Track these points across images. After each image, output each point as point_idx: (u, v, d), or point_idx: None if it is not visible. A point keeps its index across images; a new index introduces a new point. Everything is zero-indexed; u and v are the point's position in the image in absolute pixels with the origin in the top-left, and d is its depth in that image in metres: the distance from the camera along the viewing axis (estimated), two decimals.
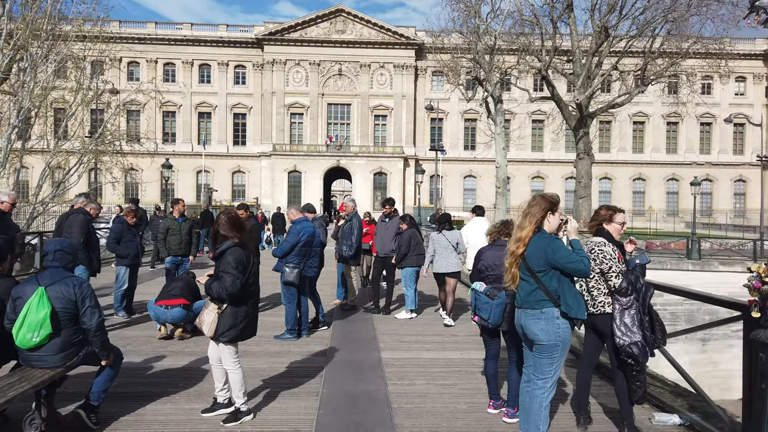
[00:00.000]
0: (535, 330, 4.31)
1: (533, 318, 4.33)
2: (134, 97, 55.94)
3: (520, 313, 4.47)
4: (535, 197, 4.57)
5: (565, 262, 4.22)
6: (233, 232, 5.15)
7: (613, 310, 4.74)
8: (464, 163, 65.78)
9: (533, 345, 4.39)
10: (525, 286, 4.40)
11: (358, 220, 10.77)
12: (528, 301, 4.36)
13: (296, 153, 63.61)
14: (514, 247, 4.43)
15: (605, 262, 4.78)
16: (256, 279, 5.29)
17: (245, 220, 10.59)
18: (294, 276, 8.47)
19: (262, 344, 8.22)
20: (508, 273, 4.45)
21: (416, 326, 9.78)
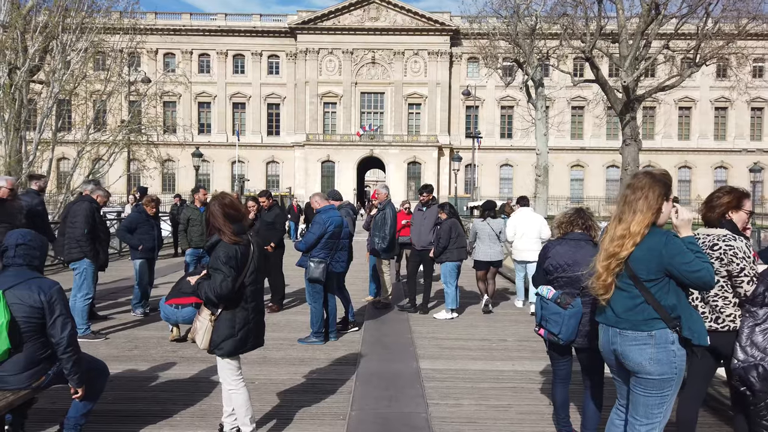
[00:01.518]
0: (641, 359, 3.15)
1: (637, 343, 3.17)
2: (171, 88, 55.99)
3: (611, 333, 3.31)
4: (641, 176, 3.34)
5: (687, 270, 3.04)
6: (224, 224, 4.10)
7: (741, 325, 3.55)
8: (500, 152, 64.04)
9: (634, 377, 3.24)
10: (624, 299, 3.23)
11: (392, 209, 9.68)
12: (629, 319, 3.20)
13: (329, 143, 62.77)
14: (615, 246, 3.22)
15: (736, 261, 3.57)
16: (258, 277, 4.24)
17: (267, 209, 9.67)
18: (320, 272, 7.43)
19: (284, 348, 7.22)
20: (600, 280, 3.27)
21: (458, 328, 8.66)
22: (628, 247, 3.20)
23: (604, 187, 64.05)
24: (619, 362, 3.32)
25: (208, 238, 4.18)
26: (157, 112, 39.84)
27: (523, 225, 9.88)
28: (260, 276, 4.32)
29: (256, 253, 4.25)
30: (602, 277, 3.26)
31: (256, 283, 4.25)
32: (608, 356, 3.41)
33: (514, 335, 8.27)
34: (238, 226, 4.18)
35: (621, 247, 3.22)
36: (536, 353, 7.25)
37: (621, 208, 3.37)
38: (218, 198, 4.22)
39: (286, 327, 8.42)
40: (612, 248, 3.26)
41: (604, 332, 3.39)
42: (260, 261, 4.30)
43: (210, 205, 4.20)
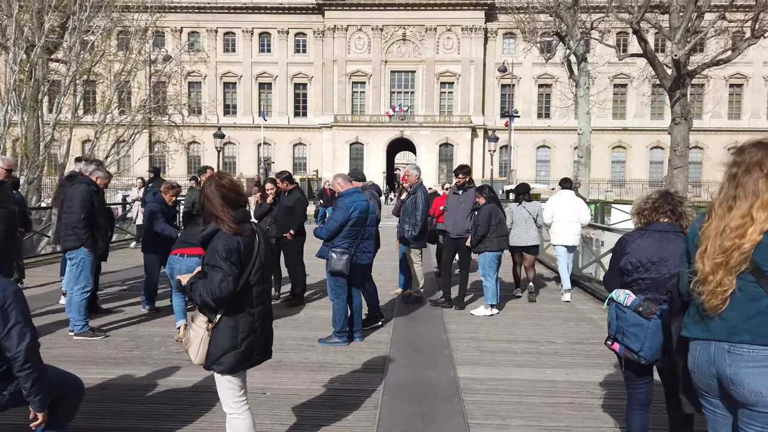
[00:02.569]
0: (761, 386, 2.36)
1: (757, 364, 2.36)
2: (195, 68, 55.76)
3: (716, 350, 2.48)
4: (751, 150, 2.53)
5: None
6: (223, 210, 3.37)
7: None
8: (537, 133, 62.44)
9: (747, 411, 2.42)
10: (743, 303, 2.43)
11: (424, 192, 8.88)
12: (750, 330, 2.39)
13: (358, 124, 61.95)
14: (733, 237, 2.44)
15: None
16: (265, 275, 3.51)
17: (287, 192, 8.95)
18: (343, 264, 6.69)
19: (302, 350, 6.52)
20: (713, 285, 2.47)
21: (499, 326, 7.86)
22: (753, 236, 2.41)
23: (647, 170, 62.11)
24: (723, 388, 2.52)
25: (203, 228, 3.45)
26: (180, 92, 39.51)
27: (561, 208, 9.66)
28: (267, 273, 3.60)
29: (263, 245, 3.52)
30: (717, 280, 2.45)
31: (263, 282, 3.52)
32: (707, 380, 2.59)
33: (563, 336, 7.44)
34: (240, 213, 3.44)
35: (743, 237, 2.43)
36: (591, 359, 6.43)
37: (730, 190, 2.56)
38: (215, 178, 3.48)
39: (305, 324, 7.72)
40: (729, 240, 2.46)
41: (704, 349, 2.57)
42: (267, 255, 3.56)
43: (205, 188, 3.46)
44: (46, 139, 20.95)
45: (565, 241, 9.68)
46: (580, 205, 9.83)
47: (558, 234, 9.72)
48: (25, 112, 19.74)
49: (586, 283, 10.87)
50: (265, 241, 3.57)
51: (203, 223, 3.47)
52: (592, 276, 11.89)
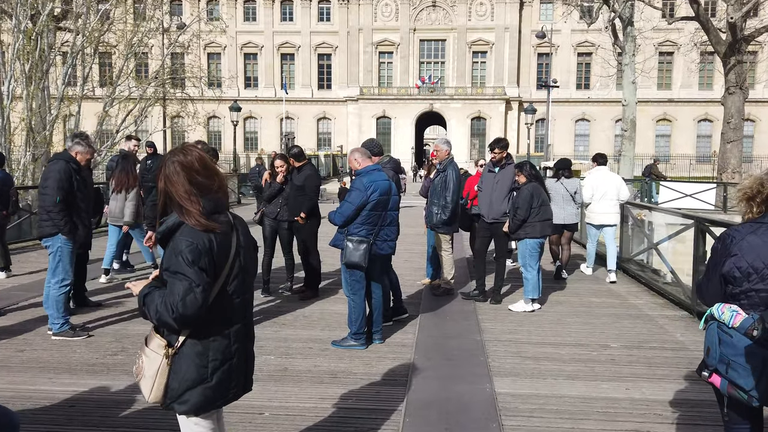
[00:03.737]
0: None
1: None
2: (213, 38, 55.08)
3: None
4: None
5: None
6: (189, 197, 2.59)
7: None
8: (576, 105, 60.60)
9: None
10: None
11: (455, 170, 8.04)
12: None
13: (385, 96, 60.81)
14: None
15: None
16: (246, 282, 2.75)
17: (298, 169, 8.17)
18: (360, 255, 5.91)
19: (312, 356, 5.78)
20: None
21: (542, 325, 7.03)
22: None
23: (693, 144, 59.97)
24: None
25: (161, 220, 2.67)
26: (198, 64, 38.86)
27: (601, 186, 9.53)
28: (250, 280, 2.83)
29: (244, 244, 2.74)
30: None
31: (244, 291, 2.75)
32: None
33: (618, 337, 6.59)
34: (212, 201, 2.65)
35: None
36: (655, 368, 5.60)
37: None
38: (178, 154, 2.68)
39: (318, 322, 6.99)
40: None
41: None
42: (249, 257, 2.79)
43: (165, 167, 2.68)
44: (53, 113, 20.50)
45: (604, 220, 9.61)
46: (620, 182, 9.78)
47: (597, 213, 9.62)
48: (30, 84, 19.27)
49: (638, 272, 9.95)
50: (247, 238, 2.79)
51: (159, 214, 2.70)
52: (645, 263, 10.96)
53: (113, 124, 24.05)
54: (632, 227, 11.07)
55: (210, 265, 2.54)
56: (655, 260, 11.21)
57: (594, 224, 9.76)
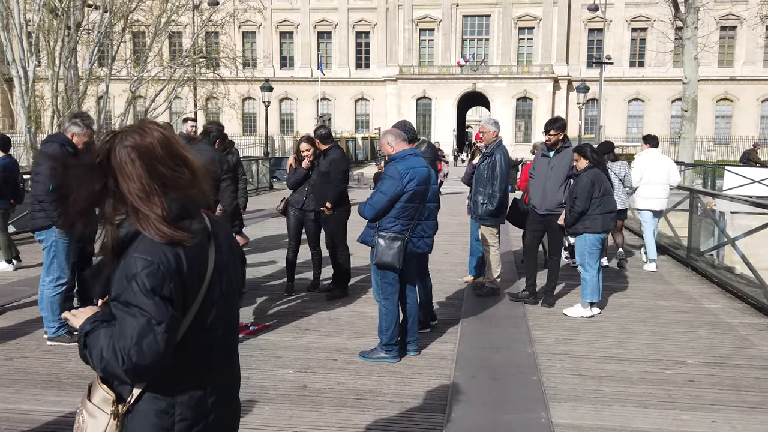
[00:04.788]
0: None
1: None
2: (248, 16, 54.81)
3: None
4: None
5: None
6: (148, 196, 1.92)
7: None
8: (629, 84, 58.61)
9: None
10: None
11: (503, 154, 7.28)
12: None
13: (426, 76, 59.75)
14: None
15: None
16: (228, 313, 2.08)
17: (324, 153, 7.50)
18: (394, 254, 5.23)
19: (335, 370, 5.13)
20: None
21: (603, 334, 6.26)
22: None
23: (757, 126, 57.44)
24: None
25: (106, 227, 2.01)
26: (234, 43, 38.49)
27: (650, 169, 9.32)
28: (234, 305, 2.17)
29: (226, 257, 2.07)
30: None
31: (227, 322, 2.08)
32: None
33: (695, 351, 5.78)
34: (181, 202, 1.97)
35: None
36: (744, 393, 4.81)
37: None
38: (131, 135, 1.99)
39: (346, 327, 6.34)
40: None
41: None
42: (233, 274, 2.12)
43: (115, 150, 2.00)
44: (78, 93, 20.30)
45: (653, 205, 9.44)
46: (671, 165, 9.60)
47: (646, 197, 9.44)
48: (56, 63, 19.06)
49: (710, 271, 9.03)
50: (230, 249, 2.12)
51: (104, 219, 2.04)
52: (716, 262, 10.03)
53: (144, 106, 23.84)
54: (701, 218, 10.16)
55: (177, 292, 1.86)
56: (731, 256, 10.30)
57: (639, 208, 9.62)
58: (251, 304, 7.01)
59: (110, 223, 1.96)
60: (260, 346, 5.67)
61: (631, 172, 9.45)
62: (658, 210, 9.55)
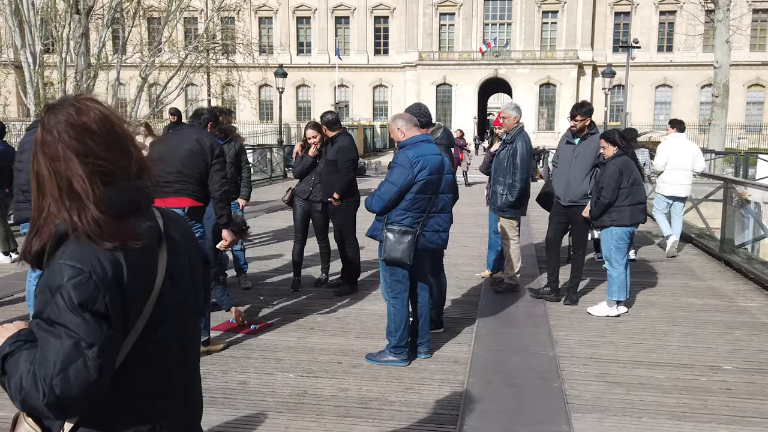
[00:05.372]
0: None
1: None
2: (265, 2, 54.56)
3: None
4: None
5: None
6: (81, 187, 1.60)
7: None
8: (657, 69, 57.47)
9: None
10: None
11: (525, 141, 6.90)
12: None
13: (446, 62, 59.13)
14: None
15: None
16: (185, 333, 1.77)
17: (331, 141, 7.16)
18: (403, 249, 4.89)
19: (339, 374, 4.83)
20: None
21: (631, 336, 5.88)
22: None
23: None
24: None
25: (34, 230, 1.69)
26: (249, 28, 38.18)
27: (675, 154, 9.27)
28: (193, 315, 1.85)
29: (182, 261, 1.75)
30: None
31: (184, 340, 1.77)
32: None
33: (732, 355, 5.39)
34: (126, 194, 1.65)
35: None
36: None
37: None
38: (64, 110, 1.66)
39: (353, 326, 6.03)
40: None
41: None
42: (191, 280, 1.80)
43: (42, 131, 1.67)
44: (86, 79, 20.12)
45: (678, 191, 9.40)
46: (696, 152, 9.56)
47: (670, 184, 9.37)
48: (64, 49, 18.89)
49: (746, 265, 8.58)
50: (188, 250, 1.81)
51: (34, 218, 1.72)
52: (752, 254, 9.58)
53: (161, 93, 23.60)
54: (736, 209, 9.69)
55: (115, 307, 1.54)
56: (761, 249, 9.85)
57: (664, 194, 9.48)
58: (255, 301, 6.75)
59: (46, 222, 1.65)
60: (261, 346, 5.39)
61: (656, 157, 9.45)
62: (683, 196, 9.53)
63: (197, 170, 4.71)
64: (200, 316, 1.91)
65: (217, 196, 4.81)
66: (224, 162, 4.88)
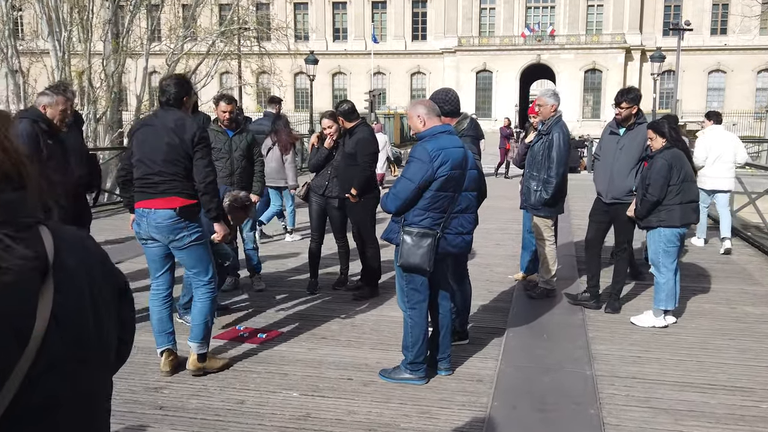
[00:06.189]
0: None
1: None
2: None
3: None
4: None
5: None
6: None
7: None
8: (709, 54, 55.63)
9: None
10: None
11: (563, 132, 6.38)
12: None
13: (486, 48, 58.19)
14: None
15: None
16: (80, 382, 1.36)
17: (349, 132, 6.70)
18: (423, 255, 4.43)
19: (347, 395, 4.41)
20: None
21: (679, 351, 5.33)
22: None
23: None
24: None
25: None
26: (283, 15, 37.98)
27: (715, 147, 9.19)
28: (97, 367, 1.44)
29: (74, 301, 1.34)
30: None
31: (77, 399, 1.36)
32: None
33: None
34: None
35: None
36: None
37: None
38: None
39: (370, 335, 5.61)
40: None
41: None
42: (95, 322, 1.40)
43: None
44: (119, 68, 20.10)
45: (717, 185, 9.26)
46: (737, 143, 9.55)
47: (711, 177, 9.21)
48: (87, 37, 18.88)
49: None
50: (93, 281, 1.41)
51: None
52: None
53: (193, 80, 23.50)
54: None
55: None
56: None
57: (705, 189, 9.15)
58: (267, 305, 6.39)
59: None
60: (266, 358, 5.01)
61: (696, 151, 9.20)
62: (726, 190, 9.40)
63: (181, 165, 4.28)
64: (109, 365, 1.50)
65: (201, 188, 4.37)
66: (207, 147, 4.42)
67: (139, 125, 4.59)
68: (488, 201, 5.67)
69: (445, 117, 4.97)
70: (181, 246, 4.42)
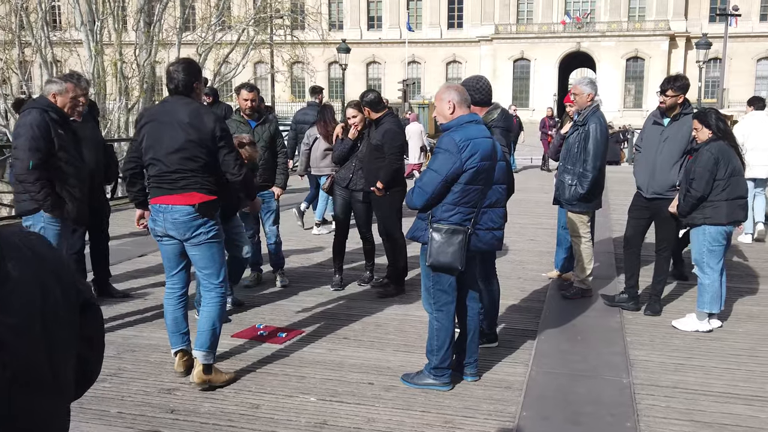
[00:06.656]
0: None
1: None
2: None
3: None
4: None
5: None
6: None
7: None
8: (759, 40, 54.11)
9: None
10: None
11: (600, 123, 6.07)
12: None
13: (524, 35, 57.40)
14: None
15: None
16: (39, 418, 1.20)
17: (375, 123, 6.48)
18: (453, 253, 4.20)
19: (367, 401, 4.22)
20: None
21: (726, 359, 5.03)
22: None
23: None
24: None
25: None
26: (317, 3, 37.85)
27: (754, 133, 9.01)
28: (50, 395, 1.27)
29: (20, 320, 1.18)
30: None
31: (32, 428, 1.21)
32: None
33: None
34: None
35: None
36: None
37: None
38: None
39: (394, 336, 5.41)
40: None
41: None
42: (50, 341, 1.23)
43: None
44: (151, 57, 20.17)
45: (756, 173, 8.97)
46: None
47: (751, 165, 8.60)
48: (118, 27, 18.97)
49: None
50: (46, 292, 1.24)
51: None
52: None
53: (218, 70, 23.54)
54: None
55: None
56: None
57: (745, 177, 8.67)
58: (289, 302, 6.24)
59: None
60: (284, 359, 4.85)
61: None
62: (763, 178, 9.23)
63: (201, 161, 4.08)
64: (62, 391, 1.33)
65: (239, 180, 4.25)
66: (230, 138, 4.26)
67: (149, 118, 4.32)
68: (523, 194, 5.47)
69: (474, 106, 4.74)
70: (197, 243, 4.26)
